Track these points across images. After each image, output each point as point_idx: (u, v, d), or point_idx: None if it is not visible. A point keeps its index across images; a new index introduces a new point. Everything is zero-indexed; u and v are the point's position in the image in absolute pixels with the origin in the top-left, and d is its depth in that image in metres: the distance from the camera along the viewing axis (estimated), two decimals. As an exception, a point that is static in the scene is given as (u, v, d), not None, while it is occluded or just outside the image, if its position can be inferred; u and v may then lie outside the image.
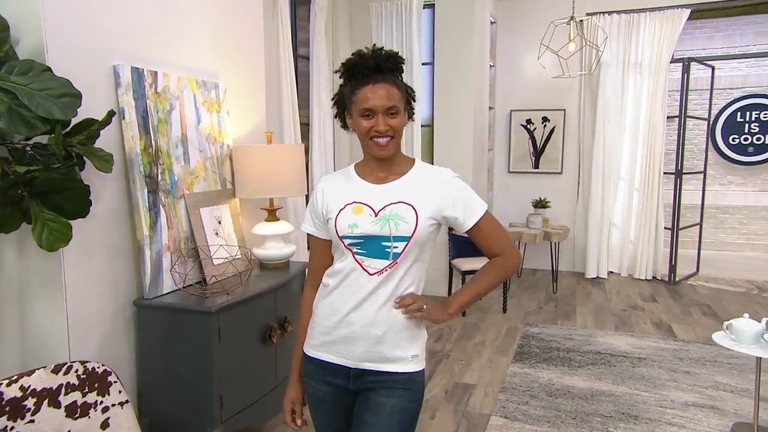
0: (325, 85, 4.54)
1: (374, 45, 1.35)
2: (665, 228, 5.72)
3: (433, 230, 1.36)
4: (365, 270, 1.33)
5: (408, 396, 1.35)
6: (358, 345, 1.34)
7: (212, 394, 2.13)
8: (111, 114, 1.86)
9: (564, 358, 3.61)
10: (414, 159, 1.42)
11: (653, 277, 5.78)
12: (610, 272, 5.96)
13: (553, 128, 6.02)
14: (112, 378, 1.82)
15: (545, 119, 6.04)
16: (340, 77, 1.37)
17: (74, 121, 1.80)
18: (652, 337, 4.03)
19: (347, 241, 1.34)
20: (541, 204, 5.60)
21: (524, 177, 6.16)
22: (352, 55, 1.33)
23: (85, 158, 1.86)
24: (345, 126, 1.41)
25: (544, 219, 5.51)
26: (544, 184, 6.06)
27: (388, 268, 1.32)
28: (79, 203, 1.65)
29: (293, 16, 4.45)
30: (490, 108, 5.96)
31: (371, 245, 1.32)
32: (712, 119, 7.48)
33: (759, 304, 4.94)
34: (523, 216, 5.96)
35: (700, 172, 6.08)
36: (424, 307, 1.34)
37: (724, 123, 7.82)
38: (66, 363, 1.71)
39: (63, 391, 1.68)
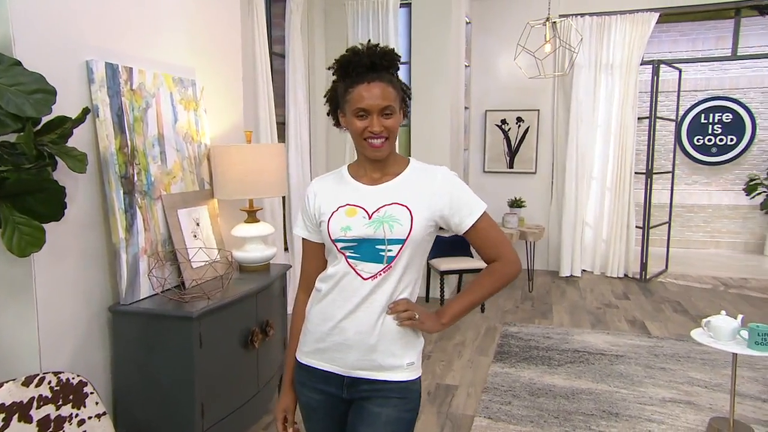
0: (301, 83, 4.46)
1: (369, 41, 1.30)
2: (636, 227, 5.84)
3: (430, 232, 1.31)
4: (359, 274, 1.28)
5: (403, 405, 1.30)
6: (352, 353, 1.29)
7: (193, 403, 2.05)
8: (86, 111, 1.77)
9: (543, 356, 3.64)
10: (409, 159, 1.38)
11: (625, 274, 5.89)
12: (584, 271, 6.05)
13: (528, 128, 6.07)
14: (88, 389, 1.74)
15: (519, 119, 6.10)
16: (333, 74, 1.32)
17: (45, 119, 1.71)
18: (627, 334, 4.10)
19: (340, 245, 1.29)
20: (516, 204, 5.64)
21: (499, 177, 6.20)
22: (347, 51, 1.28)
23: (57, 158, 1.76)
24: (338, 124, 1.36)
25: (520, 219, 5.56)
26: (519, 184, 6.11)
27: (382, 272, 1.27)
28: (53, 206, 1.56)
29: (268, 13, 4.37)
30: (466, 108, 5.98)
31: (365, 248, 1.27)
32: (678, 120, 7.68)
33: (725, 300, 5.09)
34: (498, 216, 6.00)
35: (669, 172, 6.23)
36: (417, 316, 1.29)
37: (689, 124, 8.05)
38: (38, 374, 1.62)
39: (35, 404, 1.58)
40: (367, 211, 1.29)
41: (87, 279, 2.02)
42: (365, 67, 1.25)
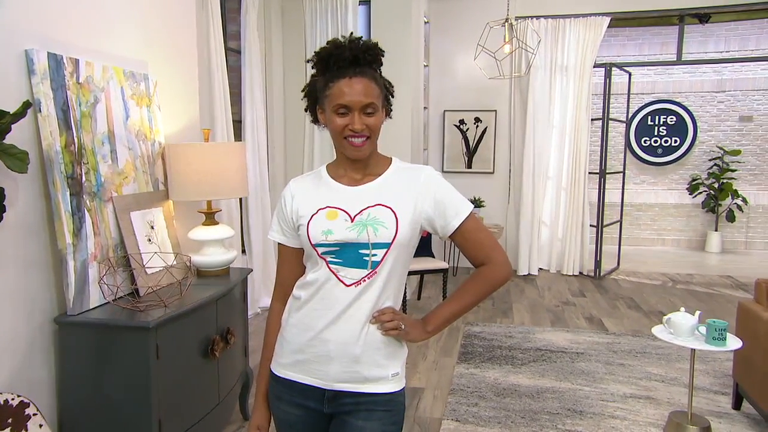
0: (258, 80, 4.32)
1: (351, 34, 1.23)
2: (590, 225, 5.98)
3: (415, 235, 1.24)
4: (341, 281, 1.20)
5: (388, 418, 1.23)
6: (334, 364, 1.21)
7: (150, 418, 1.91)
8: (26, 105, 1.61)
9: (507, 356, 3.65)
10: (391, 158, 1.31)
11: (580, 272, 6.03)
12: (540, 269, 6.16)
13: (485, 129, 6.13)
14: (30, 410, 1.58)
15: (477, 120, 6.14)
16: (312, 67, 1.23)
17: (-20, 112, 1.54)
18: (586, 331, 4.17)
19: (321, 250, 1.21)
20: (475, 203, 5.68)
21: (458, 177, 6.22)
22: (327, 44, 1.20)
23: (-6, 156, 1.60)
24: (316, 121, 1.27)
25: (479, 218, 5.59)
26: (478, 184, 6.15)
27: (366, 279, 1.19)
28: (-9, 209, 1.41)
29: (223, 7, 4.21)
30: (425, 108, 5.96)
31: (347, 253, 1.19)
32: (628, 122, 7.95)
33: (675, 295, 5.28)
34: (457, 215, 6.02)
35: (620, 172, 6.42)
36: (402, 326, 1.22)
37: (636, 126, 8.34)
38: (-25, 397, 1.45)
39: (-29, 430, 1.42)
40: (348, 214, 1.21)
41: (29, 288, 1.85)
42: (347, 62, 1.18)
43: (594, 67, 5.81)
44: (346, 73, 1.17)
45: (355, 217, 1.20)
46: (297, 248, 1.30)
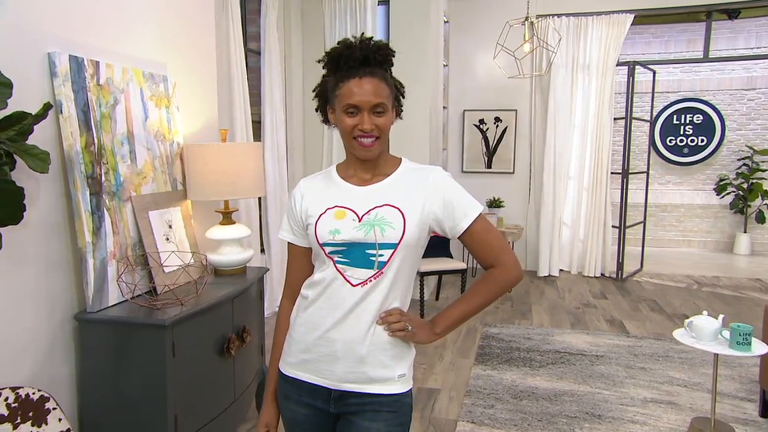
0: (277, 81, 4.36)
1: (362, 34, 1.22)
2: (613, 226, 5.88)
3: (423, 236, 1.24)
4: (347, 281, 1.20)
5: (394, 420, 1.22)
6: (340, 364, 1.21)
7: (165, 415, 1.94)
8: (47, 107, 1.65)
9: (525, 358, 3.61)
10: (401, 158, 1.31)
11: (602, 274, 5.94)
12: (561, 270, 6.08)
13: (506, 128, 6.07)
14: (50, 404, 1.62)
15: (497, 119, 6.09)
16: (323, 67, 1.24)
17: (2, 114, 1.58)
18: (606, 334, 4.10)
19: (328, 249, 1.21)
20: (495, 204, 5.64)
21: (478, 177, 6.19)
22: (338, 44, 1.20)
23: (16, 157, 1.64)
24: (326, 121, 1.28)
25: (498, 219, 5.55)
26: (497, 184, 6.10)
27: (372, 279, 1.19)
28: (11, 208, 1.44)
29: (243, 9, 4.25)
30: (444, 107, 5.94)
31: (355, 253, 1.19)
32: (653, 121, 7.79)
33: (700, 298, 5.16)
34: (477, 216, 5.98)
35: (644, 172, 6.30)
36: (410, 327, 1.21)
37: (662, 125, 8.17)
38: (-5, 391, 1.49)
39: (-8, 423, 1.46)
40: (357, 214, 1.21)
41: (50, 286, 1.89)
42: (357, 62, 1.18)
43: (617, 65, 5.71)
44: (356, 73, 1.17)
45: (362, 217, 1.20)
46: (306, 247, 1.30)
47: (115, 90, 2.14)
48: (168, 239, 2.35)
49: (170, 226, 2.38)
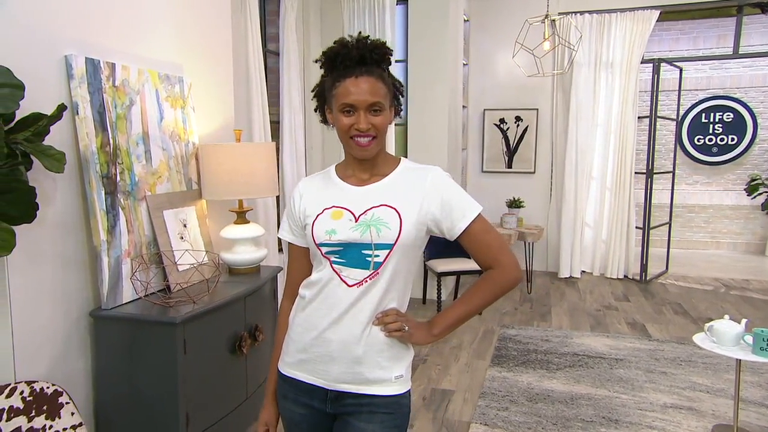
0: (296, 81, 4.39)
1: (359, 33, 1.22)
2: (636, 227, 5.76)
3: (421, 237, 1.23)
4: (344, 281, 1.20)
5: (391, 421, 1.22)
6: (336, 365, 1.21)
7: (177, 412, 1.97)
8: (61, 108, 1.69)
9: (542, 360, 3.56)
10: (400, 158, 1.30)
11: (625, 276, 5.82)
12: (583, 272, 5.98)
13: (527, 128, 6.00)
14: (63, 399, 1.66)
15: (518, 119, 6.02)
16: (320, 67, 1.24)
17: (19, 116, 1.63)
18: (627, 337, 4.02)
19: (325, 249, 1.21)
20: (515, 204, 5.57)
21: (498, 177, 6.13)
22: (334, 43, 1.20)
23: (32, 157, 1.68)
24: (325, 121, 1.28)
25: (518, 219, 5.49)
26: (518, 184, 6.04)
27: (368, 279, 1.19)
28: (23, 207, 1.48)
29: (263, 10, 4.29)
30: (464, 107, 5.90)
31: (351, 253, 1.19)
32: (679, 120, 7.61)
33: (727, 301, 5.01)
34: (497, 216, 5.93)
35: (669, 172, 6.15)
36: (406, 328, 1.20)
37: (689, 124, 7.97)
38: (9, 384, 1.54)
39: (5, 416, 1.51)
40: (353, 214, 1.21)
41: (66, 283, 1.94)
42: (354, 61, 1.18)
43: (642, 62, 5.59)
44: (352, 72, 1.17)
45: (359, 217, 1.20)
46: (306, 247, 1.31)
47: (131, 91, 2.18)
48: (182, 238, 2.38)
49: (185, 225, 2.42)
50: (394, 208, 1.19)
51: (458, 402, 3.02)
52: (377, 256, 1.18)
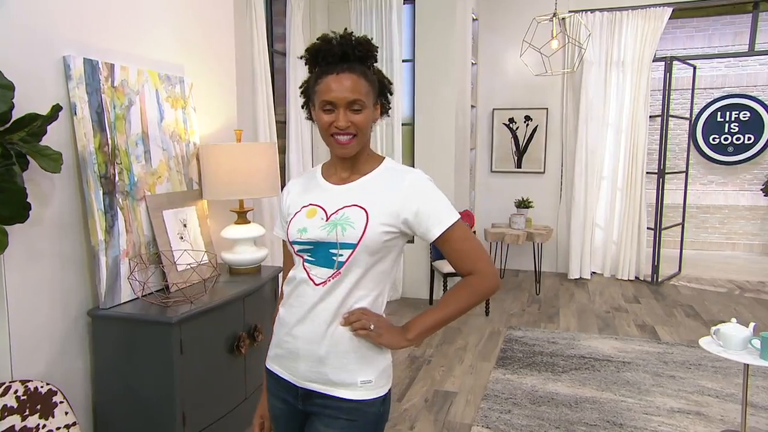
0: (302, 81, 4.38)
1: (345, 29, 1.19)
2: (648, 228, 5.67)
3: (391, 239, 1.18)
4: (311, 279, 1.19)
5: (351, 428, 1.18)
6: (302, 362, 1.21)
7: (174, 411, 1.98)
8: (56, 109, 1.70)
9: (547, 362, 3.52)
10: (383, 158, 1.28)
11: (636, 277, 5.73)
12: (593, 273, 5.90)
13: (536, 127, 5.94)
14: (57, 398, 1.67)
15: (528, 118, 5.96)
16: (305, 64, 1.23)
17: (15, 116, 1.64)
18: (636, 339, 3.96)
19: (297, 247, 1.22)
20: (523, 204, 5.52)
21: (507, 177, 6.08)
22: (318, 39, 1.18)
23: (28, 157, 1.70)
24: (310, 118, 1.27)
25: (527, 219, 5.43)
26: (527, 184, 5.98)
27: (331, 278, 1.17)
28: (14, 207, 1.49)
29: (269, 10, 4.30)
30: (473, 106, 5.85)
31: (320, 252, 1.18)
32: (693, 119, 7.49)
33: (741, 304, 4.91)
34: (505, 216, 5.89)
35: (682, 172, 6.05)
36: (372, 326, 1.17)
37: (704, 123, 7.83)
38: (3, 383, 1.55)
39: (-1, 415, 1.52)
40: (326, 212, 1.20)
41: (65, 283, 1.96)
42: (336, 57, 1.16)
43: (654, 61, 5.49)
44: (334, 69, 1.15)
45: (330, 216, 1.19)
46: None
47: (130, 92, 2.19)
48: (182, 238, 2.39)
49: (185, 225, 2.42)
50: (363, 208, 1.17)
51: (460, 404, 3.00)
52: (341, 255, 1.16)
